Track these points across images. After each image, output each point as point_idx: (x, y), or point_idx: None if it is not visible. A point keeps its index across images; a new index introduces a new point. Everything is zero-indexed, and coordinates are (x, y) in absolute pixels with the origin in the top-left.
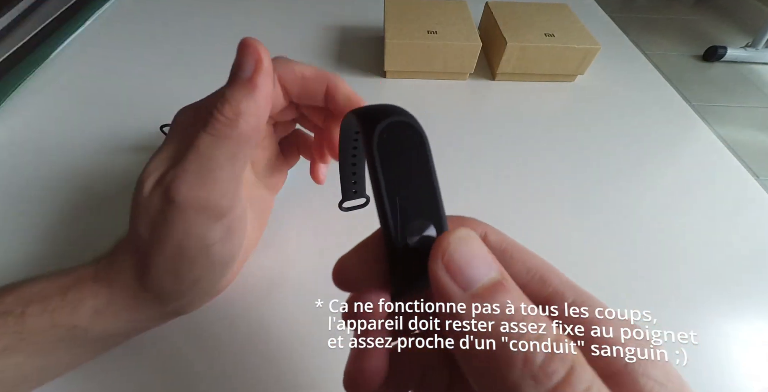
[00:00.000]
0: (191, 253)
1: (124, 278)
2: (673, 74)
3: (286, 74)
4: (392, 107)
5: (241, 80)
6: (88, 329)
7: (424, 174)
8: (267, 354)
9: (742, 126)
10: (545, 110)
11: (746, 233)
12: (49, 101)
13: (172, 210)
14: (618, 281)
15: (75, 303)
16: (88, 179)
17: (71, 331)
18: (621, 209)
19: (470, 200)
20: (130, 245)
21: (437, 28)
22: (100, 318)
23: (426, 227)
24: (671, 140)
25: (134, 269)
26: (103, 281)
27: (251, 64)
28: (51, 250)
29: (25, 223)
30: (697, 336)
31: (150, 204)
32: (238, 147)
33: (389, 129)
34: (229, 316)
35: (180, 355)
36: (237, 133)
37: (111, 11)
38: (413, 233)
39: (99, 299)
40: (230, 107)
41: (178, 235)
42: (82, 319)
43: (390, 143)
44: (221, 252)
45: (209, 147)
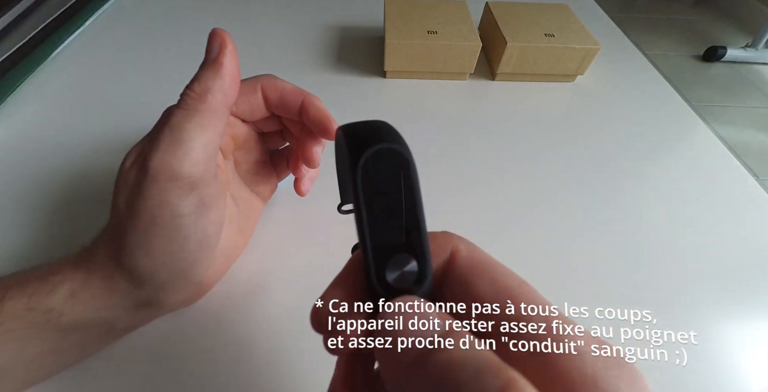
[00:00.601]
0: (163, 222)
1: (100, 258)
2: (673, 74)
3: (267, 85)
4: (381, 129)
5: (209, 61)
6: (62, 313)
7: (410, 206)
8: (262, 358)
9: (742, 126)
10: (545, 110)
11: (746, 233)
12: (49, 101)
13: (146, 180)
14: (618, 281)
15: (53, 285)
16: (88, 178)
17: (46, 315)
18: (620, 209)
19: (470, 200)
20: (108, 225)
21: (437, 28)
22: (76, 301)
23: (407, 263)
24: (671, 140)
25: (110, 246)
26: (82, 263)
27: (216, 47)
28: (50, 249)
29: (25, 222)
30: (697, 336)
31: (128, 177)
32: (207, 119)
33: (376, 157)
34: (221, 318)
35: (174, 357)
36: (205, 106)
37: (111, 11)
38: (394, 268)
39: (75, 281)
40: (199, 84)
41: (152, 204)
42: (57, 301)
43: (375, 173)
44: (194, 227)
45: (180, 120)
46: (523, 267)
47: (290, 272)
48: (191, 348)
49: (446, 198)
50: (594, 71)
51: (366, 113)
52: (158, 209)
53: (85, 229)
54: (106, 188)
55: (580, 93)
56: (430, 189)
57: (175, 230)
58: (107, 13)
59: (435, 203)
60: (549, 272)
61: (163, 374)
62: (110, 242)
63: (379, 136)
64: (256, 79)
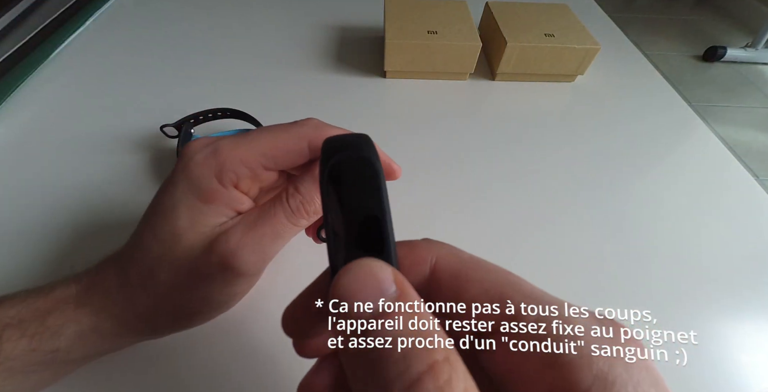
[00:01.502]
0: (219, 299)
1: (115, 310)
2: (673, 74)
3: (315, 141)
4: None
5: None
6: (70, 351)
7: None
8: (264, 358)
9: (742, 126)
10: (545, 110)
11: (746, 233)
12: (49, 101)
13: (226, 272)
14: (618, 281)
15: (55, 329)
16: (87, 178)
17: (53, 354)
18: (620, 208)
19: (469, 200)
20: (126, 277)
21: (437, 28)
22: (83, 342)
23: None
24: (671, 140)
25: (130, 303)
26: (87, 307)
27: None
28: (50, 248)
29: (24, 222)
30: (697, 336)
31: (195, 261)
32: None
33: (342, 164)
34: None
35: (174, 357)
36: (308, 223)
37: (111, 11)
38: None
39: (83, 325)
40: (314, 208)
41: (217, 289)
42: (63, 342)
43: (343, 180)
44: (235, 300)
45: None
46: (522, 267)
47: (291, 273)
48: (192, 347)
49: (446, 198)
50: (594, 71)
51: (366, 113)
52: (221, 290)
53: (86, 227)
54: (105, 188)
55: (580, 93)
56: (430, 189)
57: (225, 304)
58: (107, 13)
59: (435, 203)
60: (548, 272)
61: (163, 375)
62: (134, 301)
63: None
64: (302, 131)
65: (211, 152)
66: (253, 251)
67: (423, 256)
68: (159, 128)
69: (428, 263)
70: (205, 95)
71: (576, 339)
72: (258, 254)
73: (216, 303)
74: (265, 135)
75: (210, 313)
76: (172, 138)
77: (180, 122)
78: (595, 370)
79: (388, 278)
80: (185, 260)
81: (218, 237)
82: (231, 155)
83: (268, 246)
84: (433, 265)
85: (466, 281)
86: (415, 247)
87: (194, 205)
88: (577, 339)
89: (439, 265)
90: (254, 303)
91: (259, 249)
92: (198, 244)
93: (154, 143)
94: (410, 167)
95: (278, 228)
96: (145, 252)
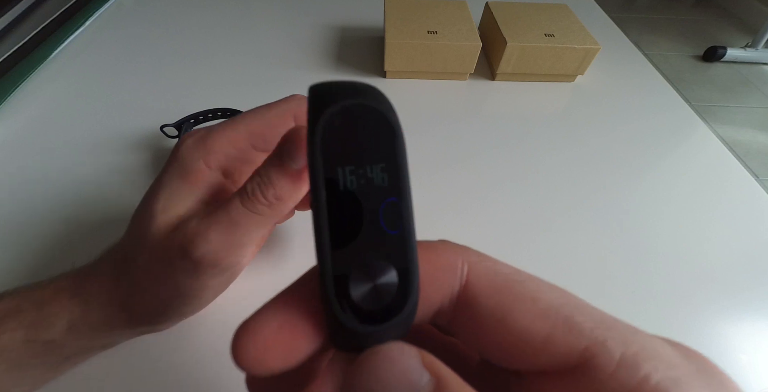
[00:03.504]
0: (188, 293)
1: (104, 295)
2: (673, 74)
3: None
4: (357, 85)
5: (290, 170)
6: (64, 344)
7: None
8: None
9: (741, 126)
10: (545, 110)
11: (746, 233)
12: (49, 100)
13: (185, 260)
14: (617, 281)
15: (51, 318)
16: (87, 178)
17: (46, 345)
18: (620, 208)
19: (469, 200)
20: (116, 263)
21: (437, 28)
22: (76, 333)
23: (383, 272)
24: (671, 140)
25: (117, 290)
26: (80, 296)
27: (299, 155)
28: (51, 247)
29: (24, 221)
30: (697, 337)
31: (161, 244)
32: (269, 221)
33: (343, 116)
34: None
35: (173, 357)
36: (273, 212)
37: (111, 11)
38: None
39: (74, 314)
40: (273, 190)
41: (181, 278)
42: (57, 334)
43: (342, 141)
44: (214, 294)
45: (243, 218)
46: (521, 267)
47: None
48: (192, 348)
49: (445, 198)
50: (594, 71)
51: None
52: (186, 282)
53: (85, 227)
54: (104, 188)
55: (580, 93)
56: (429, 189)
57: (197, 298)
58: (107, 13)
59: (434, 203)
60: (548, 272)
61: (162, 374)
62: (117, 287)
63: (355, 90)
64: (286, 107)
65: (201, 136)
66: (208, 240)
67: (451, 263)
68: (159, 128)
69: (458, 273)
70: (205, 95)
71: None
72: (214, 244)
73: (186, 296)
74: (251, 114)
75: (181, 308)
76: (172, 138)
77: (180, 122)
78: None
79: (415, 364)
80: (156, 242)
81: (181, 222)
82: (219, 136)
83: (225, 235)
84: (465, 277)
85: (514, 300)
86: (437, 251)
87: (175, 186)
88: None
89: (473, 277)
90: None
91: (216, 238)
92: (166, 228)
93: (154, 143)
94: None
95: (234, 215)
96: (129, 236)
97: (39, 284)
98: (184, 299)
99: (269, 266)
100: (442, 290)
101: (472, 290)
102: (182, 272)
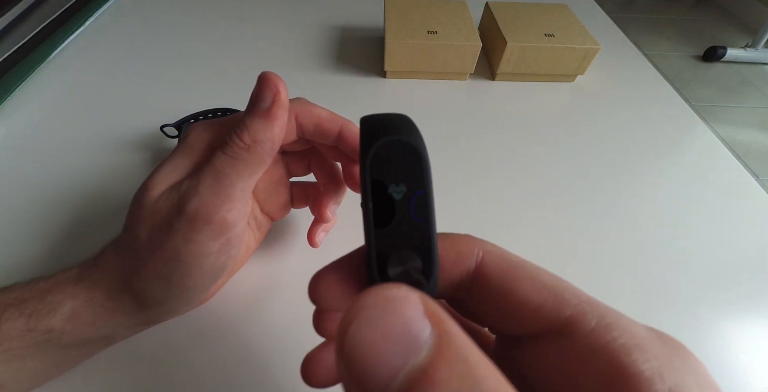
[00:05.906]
0: (187, 260)
1: (107, 277)
2: (673, 74)
3: (303, 114)
4: (396, 121)
5: (260, 111)
6: (63, 333)
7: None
8: (265, 359)
9: (742, 126)
10: (545, 110)
11: (746, 233)
12: (49, 101)
13: (179, 220)
14: (616, 281)
15: (53, 305)
16: (87, 178)
17: (47, 334)
18: (620, 208)
19: (469, 200)
20: (119, 245)
21: (437, 28)
22: (77, 320)
23: (411, 259)
24: (671, 140)
25: (121, 270)
26: (85, 282)
27: (270, 96)
28: (51, 247)
29: (25, 221)
30: (696, 336)
31: (156, 208)
32: (251, 169)
33: (386, 148)
34: (225, 319)
35: (173, 356)
36: (252, 157)
37: (111, 11)
38: (397, 264)
39: (78, 300)
40: (249, 134)
41: (178, 242)
42: (58, 321)
43: (386, 165)
44: (215, 263)
45: (225, 166)
46: None
47: (292, 275)
48: (192, 347)
49: (446, 198)
50: (594, 71)
51: (366, 113)
52: (184, 246)
53: (85, 227)
54: (105, 187)
55: (580, 93)
56: None
57: (197, 267)
58: (107, 13)
59: (435, 203)
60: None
61: (162, 374)
62: (122, 267)
63: (393, 128)
64: (291, 106)
65: (210, 123)
66: (197, 193)
67: (470, 249)
68: (159, 128)
69: (474, 256)
70: (205, 95)
71: (645, 351)
72: (203, 196)
73: (185, 265)
74: None
75: (183, 282)
76: (172, 138)
77: (180, 122)
78: (669, 384)
79: (417, 312)
80: (153, 208)
81: (175, 184)
82: (228, 123)
83: (213, 187)
84: (480, 259)
85: (516, 279)
86: (460, 240)
87: (177, 162)
88: (647, 352)
89: (487, 260)
90: (255, 304)
91: (204, 190)
92: (160, 193)
93: (154, 143)
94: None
95: (218, 165)
96: (129, 213)
97: (42, 277)
98: (184, 269)
99: (268, 268)
100: (460, 268)
101: (485, 270)
102: (180, 234)
